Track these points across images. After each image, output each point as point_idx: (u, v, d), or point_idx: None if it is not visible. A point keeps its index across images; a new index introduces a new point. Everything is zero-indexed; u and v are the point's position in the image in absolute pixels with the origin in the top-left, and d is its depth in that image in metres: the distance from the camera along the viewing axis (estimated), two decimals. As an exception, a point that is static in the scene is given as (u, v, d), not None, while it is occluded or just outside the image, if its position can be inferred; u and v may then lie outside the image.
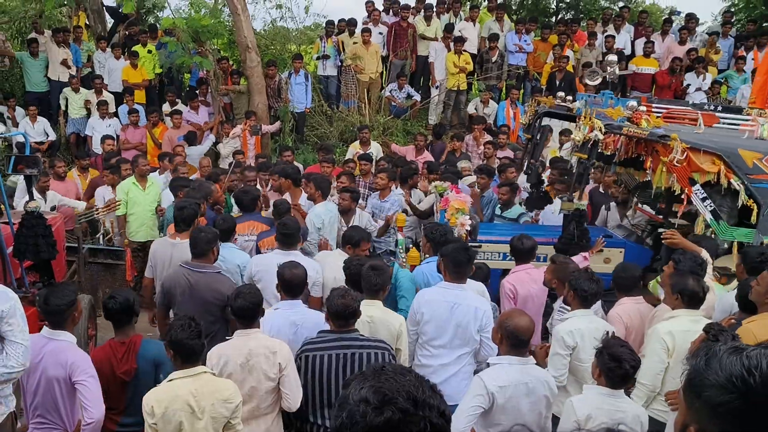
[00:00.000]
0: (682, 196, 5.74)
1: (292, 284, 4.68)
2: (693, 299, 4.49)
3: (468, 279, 4.96)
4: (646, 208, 7.79)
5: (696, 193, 5.54)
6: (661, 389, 4.46)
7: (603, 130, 6.01)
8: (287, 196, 7.60)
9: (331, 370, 4.14)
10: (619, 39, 13.75)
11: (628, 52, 13.63)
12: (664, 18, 15.49)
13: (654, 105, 6.70)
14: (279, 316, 4.58)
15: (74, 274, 7.43)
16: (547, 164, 9.10)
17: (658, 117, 6.20)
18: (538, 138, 8.16)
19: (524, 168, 8.48)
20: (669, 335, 4.38)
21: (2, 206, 5.94)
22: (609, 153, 6.15)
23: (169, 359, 3.83)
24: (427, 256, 5.87)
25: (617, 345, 3.87)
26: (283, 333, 4.47)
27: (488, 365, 4.03)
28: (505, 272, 6.05)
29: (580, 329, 4.56)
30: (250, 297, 4.20)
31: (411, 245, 7.87)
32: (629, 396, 4.13)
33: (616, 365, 3.77)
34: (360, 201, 8.16)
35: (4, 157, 5.95)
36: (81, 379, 3.90)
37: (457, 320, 4.64)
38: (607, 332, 4.26)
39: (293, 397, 4.14)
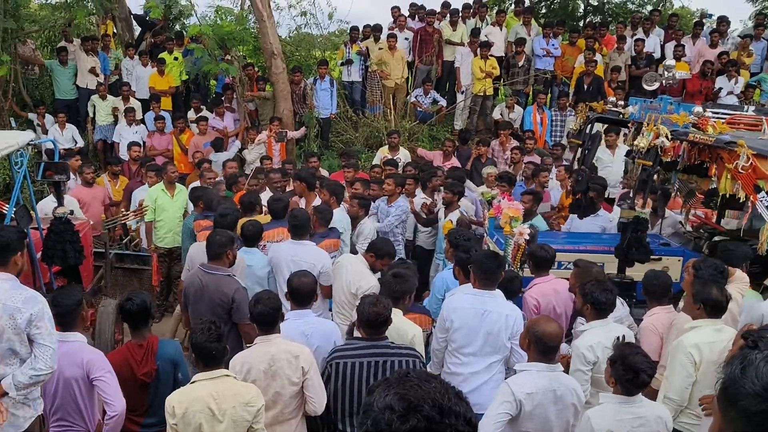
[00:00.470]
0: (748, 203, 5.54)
1: (301, 292, 4.67)
2: (716, 308, 4.38)
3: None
4: (701, 214, 7.65)
5: (761, 201, 5.38)
6: (689, 402, 4.35)
7: (669, 136, 5.85)
8: (302, 201, 7.64)
9: (362, 377, 4.11)
10: (648, 42, 13.54)
11: (657, 55, 13.45)
12: (695, 21, 15.23)
13: (710, 110, 6.54)
14: (289, 328, 4.53)
15: (101, 279, 7.50)
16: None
17: (723, 123, 6.04)
18: (589, 144, 7.98)
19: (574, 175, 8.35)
20: (695, 348, 4.26)
21: (32, 212, 6.03)
22: (670, 160, 6.00)
23: (185, 358, 3.86)
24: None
25: (632, 353, 3.74)
26: None
27: (515, 372, 3.96)
28: None
29: (600, 342, 4.44)
30: (270, 303, 4.20)
31: None
32: None
33: (633, 376, 3.66)
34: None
35: (33, 163, 6.05)
36: (99, 375, 3.99)
37: (487, 328, 4.57)
38: (618, 338, 4.16)
39: (318, 401, 4.12)
